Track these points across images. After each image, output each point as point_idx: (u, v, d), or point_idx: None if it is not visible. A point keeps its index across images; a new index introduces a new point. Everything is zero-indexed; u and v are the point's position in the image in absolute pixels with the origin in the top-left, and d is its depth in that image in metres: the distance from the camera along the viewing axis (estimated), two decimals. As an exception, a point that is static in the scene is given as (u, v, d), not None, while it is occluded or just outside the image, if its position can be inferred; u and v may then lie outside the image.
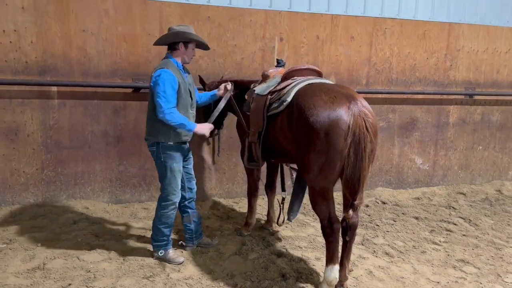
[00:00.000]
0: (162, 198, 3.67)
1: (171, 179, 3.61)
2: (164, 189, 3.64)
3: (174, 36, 3.54)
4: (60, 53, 4.57)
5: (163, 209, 3.66)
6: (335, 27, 5.44)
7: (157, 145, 3.56)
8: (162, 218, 3.67)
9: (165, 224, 3.69)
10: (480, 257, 4.06)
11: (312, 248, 4.08)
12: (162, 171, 3.62)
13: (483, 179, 6.49)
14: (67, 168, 4.78)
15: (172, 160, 3.58)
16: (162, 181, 3.64)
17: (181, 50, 3.58)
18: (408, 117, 5.94)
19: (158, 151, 3.57)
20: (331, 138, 2.98)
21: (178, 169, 3.63)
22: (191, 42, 3.61)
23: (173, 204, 3.67)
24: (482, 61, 6.14)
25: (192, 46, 3.64)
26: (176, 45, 3.57)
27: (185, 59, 3.64)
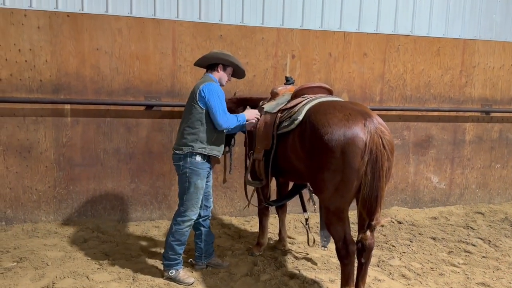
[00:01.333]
0: (178, 214, 3.63)
1: (193, 195, 3.58)
2: (183, 204, 3.60)
3: (215, 58, 3.69)
4: (74, 71, 4.62)
5: (178, 225, 3.60)
6: (347, 44, 5.41)
7: (185, 159, 3.54)
8: (175, 235, 3.61)
9: (178, 242, 3.62)
10: (501, 280, 3.90)
11: (326, 269, 3.97)
12: (185, 185, 3.58)
13: (502, 198, 6.31)
14: (79, 186, 4.78)
15: (198, 177, 3.56)
16: (183, 195, 3.60)
17: (219, 72, 3.72)
18: (423, 134, 5.84)
19: (185, 165, 3.55)
20: (347, 156, 2.91)
21: (201, 186, 3.61)
22: (229, 66, 3.76)
23: (190, 220, 3.62)
24: (499, 77, 6.04)
25: (229, 71, 3.79)
26: (216, 67, 3.71)
27: (222, 81, 3.76)
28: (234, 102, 4.45)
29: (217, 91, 3.53)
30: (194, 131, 3.54)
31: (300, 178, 3.79)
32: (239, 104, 4.43)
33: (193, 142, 3.54)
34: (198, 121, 3.54)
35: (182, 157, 3.56)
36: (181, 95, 4.89)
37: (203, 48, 4.89)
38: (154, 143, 4.90)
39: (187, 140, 3.55)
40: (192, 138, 3.54)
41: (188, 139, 3.55)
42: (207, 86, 3.53)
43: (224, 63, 3.71)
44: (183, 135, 3.59)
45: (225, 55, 3.69)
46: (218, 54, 3.69)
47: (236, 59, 3.79)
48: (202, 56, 3.77)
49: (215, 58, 3.69)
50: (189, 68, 4.88)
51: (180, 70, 4.87)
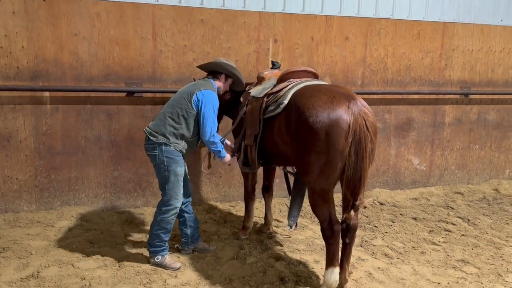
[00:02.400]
0: (163, 203, 3.60)
1: (175, 183, 3.56)
2: (166, 194, 3.57)
3: (220, 66, 3.75)
4: (52, 57, 4.51)
5: (163, 214, 3.59)
6: (329, 28, 5.41)
7: (159, 147, 3.50)
8: (161, 224, 3.60)
9: (164, 230, 3.62)
10: (480, 256, 4.03)
11: (310, 250, 4.03)
12: (164, 175, 3.55)
13: (480, 179, 6.48)
14: (60, 174, 4.71)
15: (176, 164, 3.54)
16: (165, 185, 3.57)
17: (221, 81, 3.80)
18: (404, 117, 5.92)
19: (161, 154, 3.51)
20: (331, 138, 2.94)
21: (181, 173, 3.60)
22: (231, 77, 3.83)
23: (175, 209, 3.60)
24: (477, 60, 6.14)
25: (230, 81, 3.88)
26: (218, 75, 3.79)
27: (220, 90, 3.82)
28: None
29: (214, 101, 3.57)
30: (176, 125, 3.53)
31: (287, 162, 3.82)
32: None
33: (170, 135, 3.52)
34: (183, 118, 3.53)
35: (156, 146, 3.52)
36: (163, 81, 4.84)
37: (184, 32, 4.83)
38: (137, 130, 4.85)
39: (166, 130, 3.52)
40: (171, 130, 3.52)
41: (167, 130, 3.52)
42: (207, 93, 3.55)
43: (227, 73, 3.80)
44: (164, 123, 3.54)
45: (229, 66, 3.78)
46: (224, 64, 3.76)
47: (239, 71, 3.88)
48: (209, 62, 3.86)
49: (221, 67, 3.76)
50: (170, 53, 4.82)
51: (161, 55, 4.80)
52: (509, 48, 6.25)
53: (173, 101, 3.62)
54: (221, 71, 3.78)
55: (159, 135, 3.53)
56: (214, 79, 3.77)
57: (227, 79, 3.83)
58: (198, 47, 4.89)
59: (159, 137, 3.52)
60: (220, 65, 3.76)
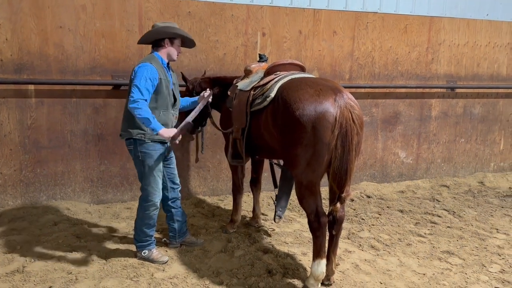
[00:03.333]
0: (142, 199, 3.57)
1: (150, 178, 3.50)
2: (144, 189, 3.54)
3: (159, 32, 3.45)
4: (37, 50, 4.44)
5: (144, 210, 3.56)
6: (317, 21, 5.42)
7: (134, 142, 3.45)
8: (144, 219, 3.58)
9: (147, 225, 3.60)
10: (464, 248, 4.09)
11: (298, 243, 4.05)
12: (140, 169, 3.52)
13: (466, 172, 6.56)
14: (46, 169, 4.66)
15: (151, 158, 3.47)
16: (142, 180, 3.54)
17: (166, 47, 3.50)
18: (391, 111, 5.96)
19: (136, 149, 3.46)
20: (318, 131, 2.95)
21: (157, 168, 3.52)
22: (176, 38, 3.53)
23: (154, 204, 3.56)
24: (463, 54, 6.20)
25: (177, 43, 3.55)
26: (162, 42, 3.48)
27: (172, 56, 3.55)
28: (208, 81, 4.40)
29: (146, 71, 3.29)
30: (130, 115, 3.37)
31: (274, 154, 3.82)
32: (212, 84, 4.38)
33: (130, 127, 3.41)
34: None
35: (131, 141, 3.46)
36: (150, 74, 4.79)
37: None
38: (124, 123, 4.80)
39: (126, 125, 3.45)
40: (130, 123, 3.42)
41: (126, 124, 3.45)
42: (139, 66, 3.34)
43: (170, 36, 3.47)
44: (124, 119, 3.48)
45: (169, 28, 3.46)
46: (162, 28, 3.44)
47: (180, 29, 3.56)
48: (146, 33, 3.51)
49: (160, 33, 3.44)
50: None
51: (148, 48, 4.71)
52: (494, 42, 6.33)
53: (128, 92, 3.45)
54: (162, 36, 3.45)
55: (122, 131, 3.48)
56: (159, 49, 3.49)
57: (173, 41, 3.49)
58: (186, 40, 4.86)
59: (123, 134, 3.47)
60: (158, 31, 3.43)
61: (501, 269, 3.70)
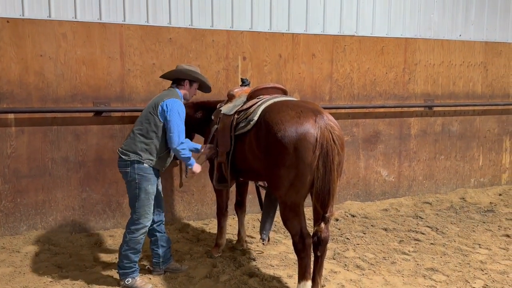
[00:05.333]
0: (132, 222, 3.55)
1: (145, 201, 3.52)
2: (136, 212, 3.52)
3: (182, 73, 3.74)
4: (17, 78, 4.43)
5: (132, 234, 3.53)
6: (296, 45, 5.54)
7: (132, 165, 3.49)
8: (130, 243, 3.54)
9: (133, 250, 3.55)
10: (448, 264, 4.13)
11: (284, 265, 4.04)
12: (135, 192, 3.51)
13: (447, 188, 6.67)
14: (26, 198, 4.58)
15: (148, 182, 3.51)
16: (135, 203, 3.53)
17: (185, 87, 3.76)
18: (371, 130, 6.06)
19: (133, 172, 3.49)
20: (300, 152, 3.00)
21: (152, 192, 3.56)
22: (196, 82, 3.81)
23: (144, 228, 3.55)
24: (439, 74, 6.39)
25: (195, 86, 3.86)
26: (182, 82, 3.76)
27: (187, 96, 3.81)
28: (191, 106, 4.44)
29: (179, 108, 3.55)
30: (147, 141, 3.51)
31: (258, 177, 3.85)
32: (196, 109, 4.43)
33: (142, 151, 3.51)
34: (153, 132, 3.52)
35: (128, 164, 3.51)
36: (131, 100, 4.81)
37: (153, 51, 4.84)
38: (105, 150, 4.79)
39: (137, 148, 3.51)
40: (142, 147, 3.51)
41: (138, 147, 3.51)
42: (171, 102, 3.53)
43: (191, 79, 3.77)
44: (134, 141, 3.53)
45: (192, 72, 3.76)
46: (186, 70, 3.76)
47: (202, 75, 3.87)
48: (171, 70, 3.86)
49: (183, 74, 3.74)
50: (138, 72, 4.81)
51: (129, 74, 4.79)
52: (468, 61, 6.54)
53: (141, 117, 3.62)
54: (184, 77, 3.75)
55: (131, 153, 3.51)
56: (179, 87, 3.76)
57: (192, 84, 3.81)
58: (167, 66, 4.89)
59: (131, 155, 3.50)
60: (182, 71, 3.75)
61: (484, 284, 3.74)
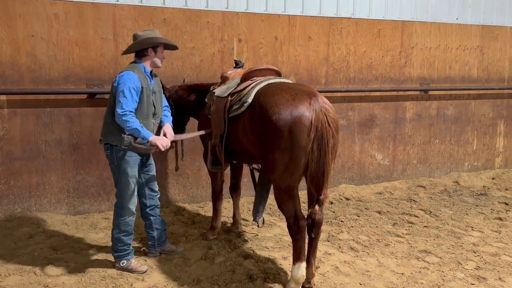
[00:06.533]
0: (117, 205, 3.56)
1: (126, 184, 3.49)
2: (119, 195, 3.53)
3: (142, 43, 3.50)
4: (8, 60, 4.35)
5: (120, 217, 3.54)
6: (292, 27, 5.48)
7: (111, 148, 3.45)
8: (120, 226, 3.54)
9: (124, 232, 3.55)
10: (441, 246, 4.17)
11: (279, 247, 4.07)
12: (116, 175, 3.51)
13: (441, 172, 6.71)
14: (20, 180, 4.55)
15: (127, 165, 3.46)
16: (117, 186, 3.53)
17: (150, 56, 3.53)
18: (367, 114, 6.06)
19: (112, 155, 3.46)
20: (294, 134, 2.99)
21: (132, 175, 3.50)
22: (159, 46, 3.57)
23: (129, 210, 3.54)
24: (435, 57, 6.36)
25: (161, 49, 3.60)
26: (145, 51, 3.52)
27: (156, 64, 3.59)
28: (185, 89, 4.40)
29: (129, 81, 3.31)
30: (111, 120, 3.41)
31: (252, 159, 3.84)
32: (190, 92, 4.39)
33: (113, 133, 3.42)
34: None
35: (108, 147, 3.48)
36: (126, 82, 4.75)
37: (147, 33, 4.77)
38: (99, 132, 4.68)
39: (108, 130, 3.46)
40: (110, 128, 3.44)
41: (109, 129, 3.46)
42: (122, 75, 3.36)
43: (153, 45, 3.51)
44: (106, 124, 3.50)
45: (151, 38, 3.49)
46: (144, 39, 3.47)
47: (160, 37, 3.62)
48: (130, 45, 3.56)
49: (143, 44, 3.48)
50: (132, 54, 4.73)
51: (123, 56, 4.70)
52: (464, 45, 6.51)
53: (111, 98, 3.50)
54: (145, 47, 3.49)
55: (103, 137, 3.49)
56: (143, 58, 3.51)
57: (156, 49, 3.52)
58: (161, 47, 4.83)
59: (105, 139, 3.47)
60: (141, 42, 3.47)
61: (476, 266, 3.79)
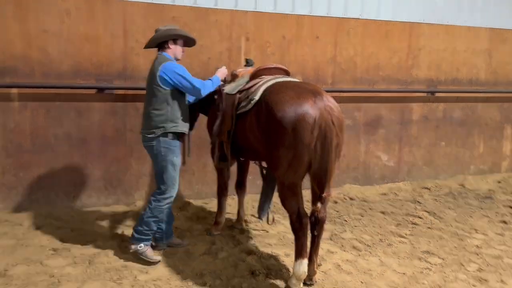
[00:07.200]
0: (159, 192, 3.65)
1: (172, 172, 3.63)
2: (164, 183, 3.63)
3: (162, 36, 3.65)
4: (20, 54, 4.43)
5: (158, 202, 3.63)
6: (300, 27, 5.50)
7: (157, 139, 3.57)
8: (154, 212, 3.63)
9: (155, 218, 3.65)
10: (444, 248, 4.18)
11: (281, 245, 4.10)
12: (162, 165, 3.61)
13: (447, 174, 6.69)
14: (29, 173, 4.63)
15: (173, 154, 3.62)
16: (162, 175, 3.62)
17: (171, 48, 3.68)
18: (373, 115, 6.07)
19: (158, 145, 3.57)
20: (298, 132, 3.03)
21: (178, 163, 3.67)
22: (178, 39, 3.72)
23: (171, 197, 3.67)
24: (443, 59, 6.35)
25: (180, 43, 3.74)
26: (165, 44, 3.67)
27: (177, 56, 3.74)
28: None
29: (175, 68, 3.54)
30: (162, 112, 3.56)
31: (258, 157, 3.89)
32: None
33: (163, 122, 3.57)
34: (164, 102, 3.57)
35: (154, 138, 3.59)
36: (134, 78, 4.82)
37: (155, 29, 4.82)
38: (107, 127, 4.82)
39: (157, 122, 3.57)
40: (161, 119, 3.57)
41: (157, 121, 3.57)
42: (165, 66, 3.54)
43: (173, 38, 3.67)
44: (151, 118, 3.59)
45: (171, 30, 3.68)
46: (165, 31, 3.66)
47: (182, 30, 3.79)
48: (151, 38, 3.71)
49: (163, 37, 3.66)
50: (141, 50, 4.77)
51: (132, 52, 4.79)
52: (473, 48, 6.49)
53: (147, 95, 3.66)
54: (165, 39, 3.66)
55: (154, 129, 3.58)
56: (165, 51, 3.69)
57: (176, 42, 3.71)
58: (170, 45, 4.89)
59: (156, 131, 3.57)
60: (161, 35, 3.65)
61: (478, 268, 3.79)
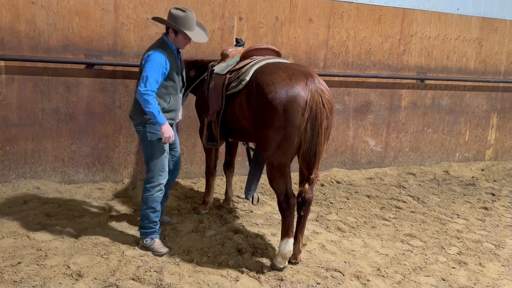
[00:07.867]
0: (147, 180, 3.52)
1: (158, 159, 3.47)
2: (150, 170, 3.50)
3: (164, 21, 3.44)
4: (7, 26, 4.34)
5: (148, 192, 3.51)
6: (294, 8, 5.47)
7: (143, 124, 3.42)
8: (148, 202, 3.52)
9: (151, 209, 3.53)
10: (426, 231, 4.29)
11: (268, 225, 4.16)
12: (148, 151, 3.48)
13: (432, 161, 6.81)
14: (16, 147, 4.59)
15: (160, 140, 3.43)
16: (149, 162, 3.50)
17: (171, 36, 3.44)
18: (362, 100, 6.10)
19: (145, 130, 3.42)
20: (289, 114, 3.04)
21: (165, 149, 3.51)
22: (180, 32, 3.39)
23: (159, 185, 3.52)
24: (434, 47, 6.39)
25: (181, 36, 3.42)
26: (168, 29, 3.44)
27: (178, 45, 3.48)
28: (184, 65, 4.41)
29: (157, 59, 3.28)
30: None
31: (247, 137, 3.90)
32: (189, 67, 4.40)
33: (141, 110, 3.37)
34: None
35: (140, 123, 3.46)
36: (124, 54, 4.76)
37: (147, 5, 4.76)
38: (96, 103, 4.78)
39: (137, 108, 3.41)
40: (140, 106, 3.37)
41: (138, 107, 3.40)
42: (151, 53, 3.32)
43: (173, 28, 3.38)
44: (136, 102, 3.43)
45: (176, 19, 3.33)
46: (171, 17, 3.36)
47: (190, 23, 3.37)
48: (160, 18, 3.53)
49: (165, 22, 3.42)
50: (132, 26, 4.74)
51: (122, 28, 4.72)
52: (464, 36, 6.54)
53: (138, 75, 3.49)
54: (167, 25, 3.42)
55: (135, 116, 3.45)
56: (167, 36, 3.46)
57: (177, 34, 3.40)
58: (161, 22, 4.83)
59: (137, 118, 3.45)
60: (168, 19, 3.39)
61: (458, 251, 3.91)
